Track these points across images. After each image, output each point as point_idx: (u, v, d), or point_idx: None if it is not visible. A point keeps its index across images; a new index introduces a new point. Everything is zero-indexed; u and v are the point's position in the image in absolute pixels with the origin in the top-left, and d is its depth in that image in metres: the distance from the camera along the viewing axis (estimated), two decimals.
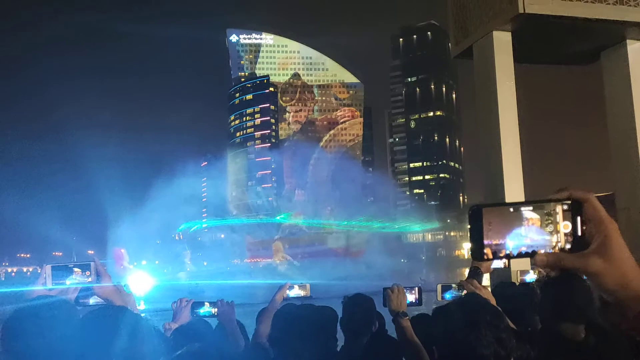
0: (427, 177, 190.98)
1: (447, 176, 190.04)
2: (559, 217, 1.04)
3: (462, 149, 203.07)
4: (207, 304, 3.34)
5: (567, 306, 2.77)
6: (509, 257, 1.04)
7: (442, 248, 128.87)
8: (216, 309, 3.32)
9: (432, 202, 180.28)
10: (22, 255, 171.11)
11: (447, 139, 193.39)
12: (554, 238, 1.04)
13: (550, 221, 1.04)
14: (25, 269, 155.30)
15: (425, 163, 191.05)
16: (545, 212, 1.04)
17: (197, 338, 3.31)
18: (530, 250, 1.04)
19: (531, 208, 1.03)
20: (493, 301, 2.79)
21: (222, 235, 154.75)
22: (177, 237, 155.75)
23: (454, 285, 2.87)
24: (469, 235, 1.08)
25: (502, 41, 5.72)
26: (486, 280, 4.32)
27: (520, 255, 1.04)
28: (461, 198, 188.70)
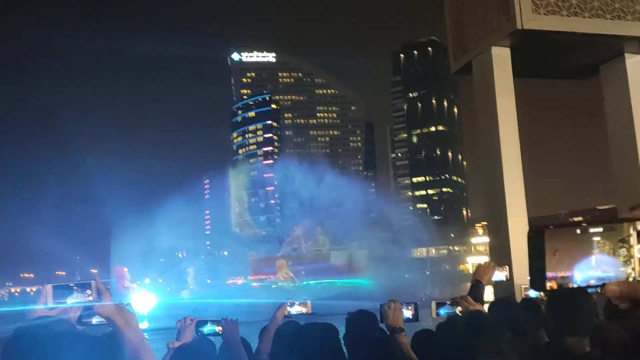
0: (430, 191, 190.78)
1: (450, 190, 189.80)
2: (633, 239, 0.93)
3: (464, 163, 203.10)
4: (210, 322, 3.33)
5: (571, 320, 2.76)
6: (575, 289, 0.93)
7: (446, 263, 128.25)
8: (220, 327, 3.32)
9: (436, 217, 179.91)
10: (26, 275, 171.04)
11: (450, 153, 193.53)
12: (629, 266, 0.92)
13: (623, 246, 0.92)
14: (29, 289, 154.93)
15: (427, 178, 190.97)
16: (618, 235, 0.92)
17: (197, 357, 3.31)
18: (600, 283, 0.93)
19: (601, 229, 0.93)
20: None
21: (226, 253, 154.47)
22: (180, 255, 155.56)
23: (448, 302, 2.87)
24: (528, 261, 0.95)
25: (501, 57, 5.77)
26: (490, 293, 4.31)
27: (589, 287, 0.94)
28: (464, 212, 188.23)
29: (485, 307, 3.33)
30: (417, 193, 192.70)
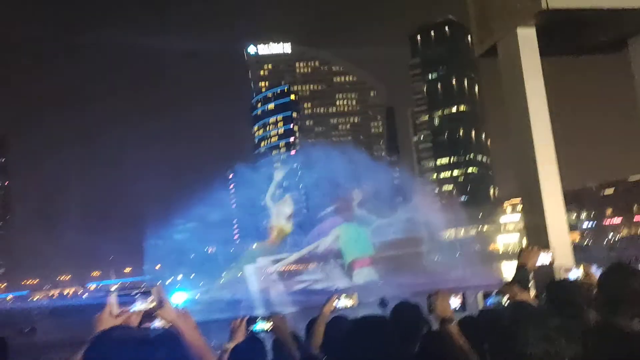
0: (455, 172, 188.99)
1: (476, 170, 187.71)
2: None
3: (488, 141, 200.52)
4: (261, 319, 3.43)
5: (622, 299, 2.78)
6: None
7: (476, 243, 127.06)
8: (270, 324, 3.41)
9: (463, 198, 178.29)
10: (62, 277, 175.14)
11: (473, 133, 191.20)
12: None
13: None
14: (66, 291, 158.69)
15: (452, 159, 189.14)
16: None
17: (251, 356, 3.42)
18: None
19: None
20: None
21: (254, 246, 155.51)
22: (209, 250, 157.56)
23: (494, 292, 2.89)
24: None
25: (527, 38, 5.71)
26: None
27: None
28: (492, 191, 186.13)
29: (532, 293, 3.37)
30: (442, 175, 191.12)
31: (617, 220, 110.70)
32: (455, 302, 3.07)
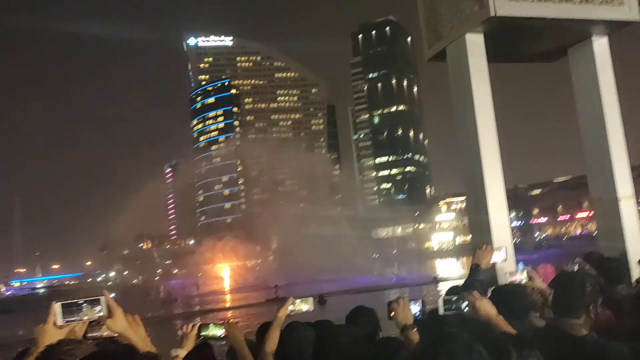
0: (393, 171, 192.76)
1: (413, 169, 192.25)
2: None
3: (426, 141, 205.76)
4: (212, 325, 3.31)
5: (569, 302, 2.86)
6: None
7: (412, 241, 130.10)
8: (223, 330, 3.29)
9: (400, 196, 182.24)
10: None
11: (411, 133, 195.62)
12: None
13: None
14: None
15: (390, 158, 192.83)
16: None
17: None
18: None
19: None
20: (494, 311, 2.85)
21: (192, 242, 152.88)
22: (145, 246, 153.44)
23: (454, 298, 2.90)
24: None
25: (475, 43, 5.86)
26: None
27: None
28: (428, 190, 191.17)
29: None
30: (380, 173, 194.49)
31: (543, 219, 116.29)
32: (415, 308, 3.06)
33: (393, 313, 2.99)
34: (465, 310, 2.80)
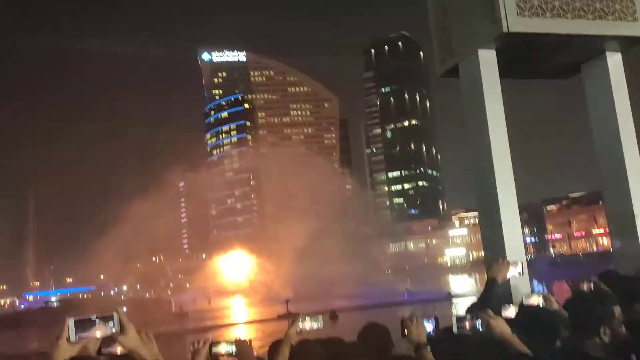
0: (406, 186, 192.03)
1: (426, 184, 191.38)
2: None
3: (438, 156, 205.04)
4: (224, 342, 3.30)
5: (586, 322, 2.82)
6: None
7: (424, 256, 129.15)
8: (234, 348, 3.28)
9: (412, 211, 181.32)
10: None
11: (424, 147, 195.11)
12: None
13: None
14: (2, 302, 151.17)
15: (403, 172, 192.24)
16: None
17: None
18: None
19: None
20: (508, 329, 2.82)
21: (204, 256, 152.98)
22: (157, 260, 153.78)
23: (468, 316, 2.86)
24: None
25: (488, 59, 5.86)
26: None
27: None
28: (441, 205, 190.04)
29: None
30: (393, 188, 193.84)
31: (557, 235, 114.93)
32: (429, 326, 3.03)
33: (406, 331, 2.95)
34: (479, 329, 2.76)
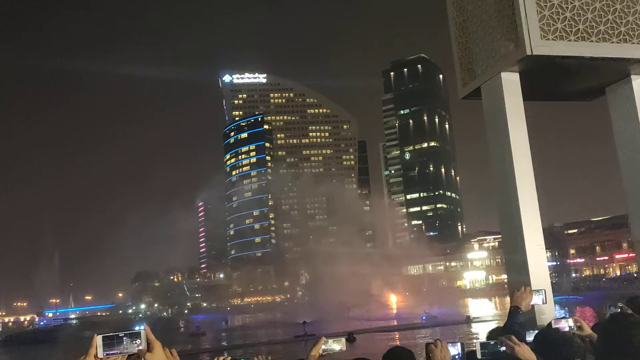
0: (424, 207, 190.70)
1: (445, 206, 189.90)
2: None
3: (457, 178, 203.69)
4: (243, 359, 3.29)
5: (618, 348, 2.75)
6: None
7: (443, 279, 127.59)
8: None
9: (431, 233, 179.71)
10: (19, 303, 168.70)
11: (443, 169, 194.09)
12: None
13: None
14: (22, 318, 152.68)
15: (422, 194, 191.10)
16: None
17: None
18: None
19: None
20: (534, 356, 2.78)
21: (221, 275, 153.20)
22: (175, 279, 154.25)
23: (492, 342, 2.83)
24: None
25: (511, 82, 5.85)
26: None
27: None
28: (459, 227, 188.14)
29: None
30: (411, 209, 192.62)
31: (580, 260, 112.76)
32: (453, 351, 2.99)
33: (431, 355, 2.92)
34: (503, 354, 2.73)
